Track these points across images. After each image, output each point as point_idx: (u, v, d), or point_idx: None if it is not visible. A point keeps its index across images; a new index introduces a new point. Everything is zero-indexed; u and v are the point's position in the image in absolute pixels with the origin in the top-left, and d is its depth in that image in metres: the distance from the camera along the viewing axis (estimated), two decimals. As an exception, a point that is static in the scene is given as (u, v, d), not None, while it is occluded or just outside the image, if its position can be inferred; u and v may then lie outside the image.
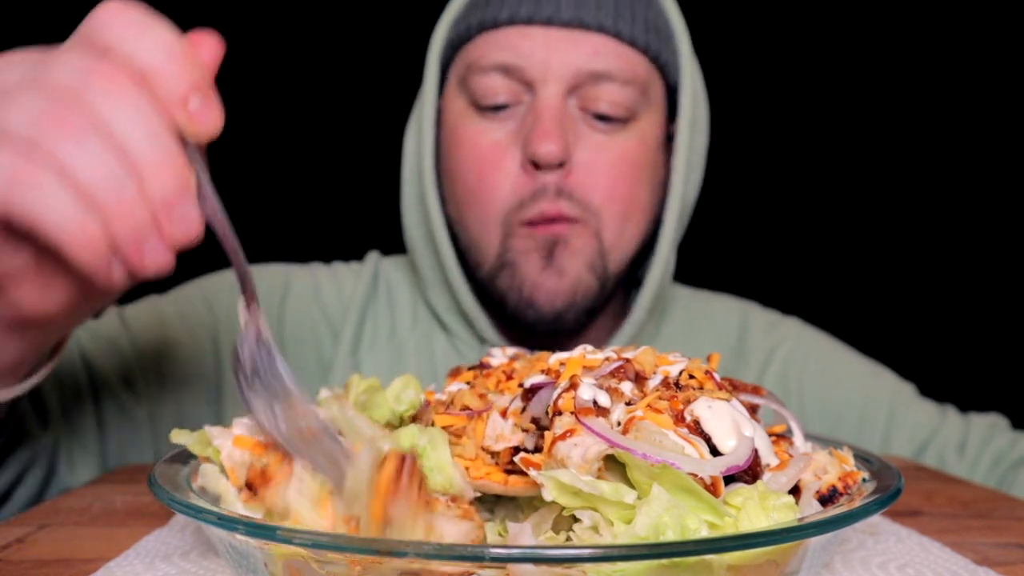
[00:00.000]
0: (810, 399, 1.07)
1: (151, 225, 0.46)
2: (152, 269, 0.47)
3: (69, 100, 0.45)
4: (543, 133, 0.89)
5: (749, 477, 0.42)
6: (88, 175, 0.44)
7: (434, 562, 0.35)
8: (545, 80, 0.91)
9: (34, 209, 0.44)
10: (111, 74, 0.45)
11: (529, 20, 0.92)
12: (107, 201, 0.44)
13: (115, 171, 0.44)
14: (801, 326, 1.14)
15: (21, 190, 0.44)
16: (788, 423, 0.57)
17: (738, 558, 0.36)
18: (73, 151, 0.44)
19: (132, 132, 0.45)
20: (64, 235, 0.45)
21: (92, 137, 0.44)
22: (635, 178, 0.95)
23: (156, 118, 0.46)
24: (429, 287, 1.04)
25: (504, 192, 0.93)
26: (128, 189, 0.45)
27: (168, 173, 0.45)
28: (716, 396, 0.44)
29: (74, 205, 0.44)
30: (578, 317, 0.95)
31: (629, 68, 0.93)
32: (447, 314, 1.05)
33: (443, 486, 0.43)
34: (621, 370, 0.47)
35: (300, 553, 0.38)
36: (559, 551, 0.34)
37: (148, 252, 0.46)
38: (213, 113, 0.48)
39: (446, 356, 1.05)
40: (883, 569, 0.51)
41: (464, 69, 0.97)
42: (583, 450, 0.41)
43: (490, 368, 0.57)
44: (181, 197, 0.46)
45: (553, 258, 0.93)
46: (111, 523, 0.62)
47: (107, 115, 0.45)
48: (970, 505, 0.70)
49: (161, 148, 0.45)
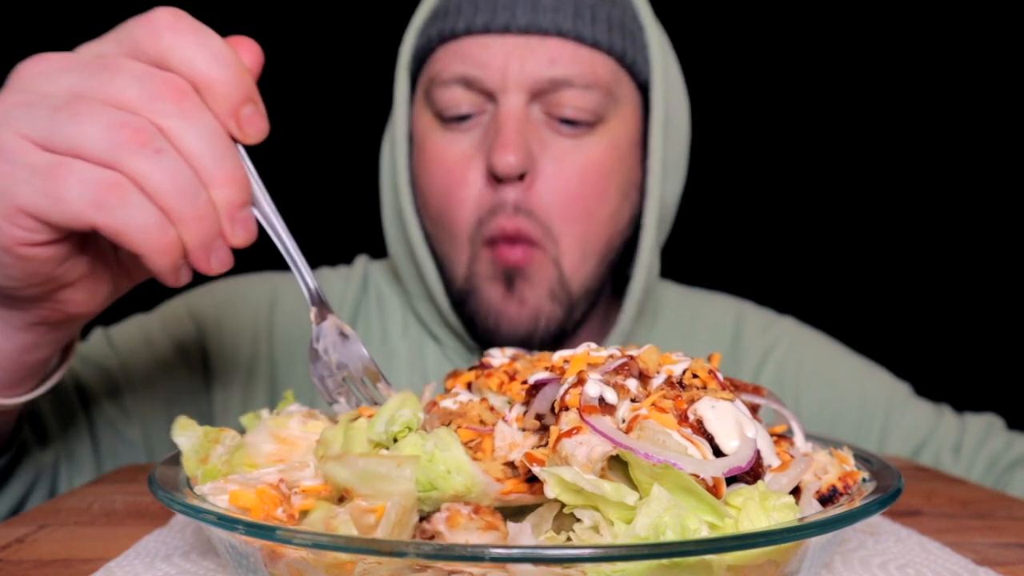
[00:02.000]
0: (806, 400, 1.06)
1: (218, 231, 0.51)
2: (217, 270, 0.52)
3: (139, 115, 0.48)
4: (502, 144, 0.87)
5: (751, 478, 0.42)
6: (166, 188, 0.48)
7: (436, 562, 0.35)
8: (505, 89, 0.89)
9: (121, 223, 0.48)
10: (174, 87, 0.49)
11: (486, 29, 0.91)
12: (183, 211, 0.49)
13: (189, 183, 0.49)
14: (796, 325, 1.14)
15: (106, 205, 0.48)
16: (789, 423, 0.57)
17: (738, 558, 0.36)
18: (150, 167, 0.48)
19: (199, 145, 0.49)
20: (147, 245, 0.49)
21: (165, 151, 0.48)
22: (600, 189, 0.93)
23: (216, 129, 0.50)
24: (415, 299, 1.04)
25: (468, 208, 0.92)
26: (201, 199, 0.49)
27: (232, 183, 0.50)
28: (720, 396, 0.44)
29: (155, 217, 0.49)
30: (543, 342, 0.94)
31: (590, 72, 0.91)
32: (435, 326, 1.04)
33: (465, 486, 0.41)
34: (626, 367, 0.47)
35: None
36: (559, 551, 0.34)
37: (215, 255, 0.51)
38: (263, 120, 0.53)
39: (437, 364, 1.05)
40: (883, 569, 0.51)
41: (428, 82, 0.96)
42: (588, 449, 0.41)
43: (491, 369, 0.57)
44: (243, 203, 0.51)
45: (514, 286, 0.92)
46: (111, 523, 0.62)
47: (175, 130, 0.49)
48: (970, 505, 0.70)
49: (226, 158, 0.50)
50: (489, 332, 0.94)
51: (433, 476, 0.41)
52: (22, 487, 0.78)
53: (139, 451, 0.92)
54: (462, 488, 0.41)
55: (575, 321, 0.97)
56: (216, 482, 0.46)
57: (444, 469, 0.41)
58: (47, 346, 0.61)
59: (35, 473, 0.79)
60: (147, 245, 0.49)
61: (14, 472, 0.77)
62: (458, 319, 0.99)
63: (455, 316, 0.99)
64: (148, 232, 0.48)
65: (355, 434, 0.47)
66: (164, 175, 0.48)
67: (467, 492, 0.41)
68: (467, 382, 0.58)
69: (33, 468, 0.79)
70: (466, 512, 0.40)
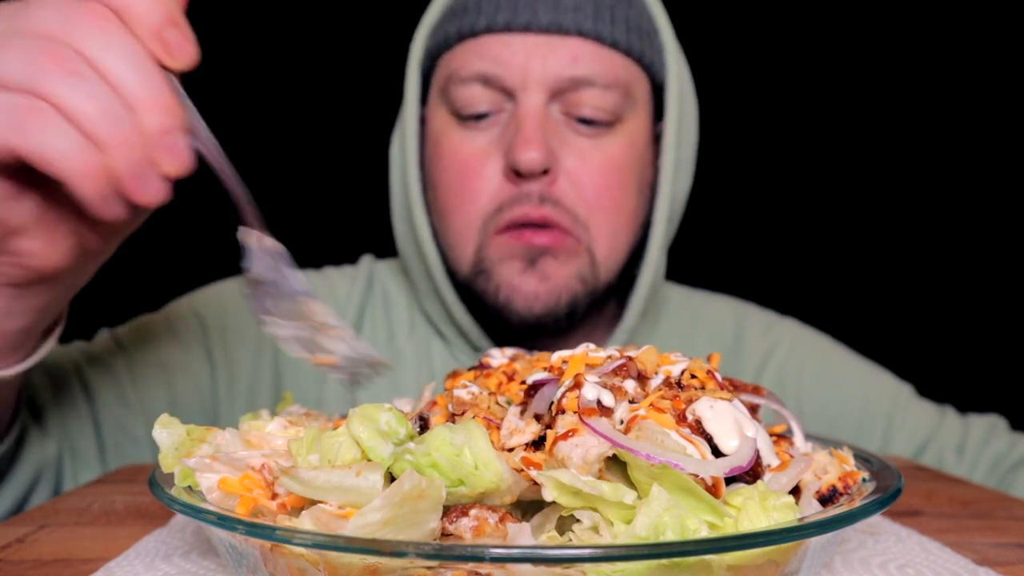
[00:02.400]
0: (808, 401, 1.06)
1: (147, 157, 0.49)
2: (150, 199, 0.50)
3: (59, 42, 0.47)
4: (525, 141, 0.88)
5: (750, 477, 0.42)
6: (86, 111, 0.47)
7: (436, 562, 0.35)
8: (525, 88, 0.90)
9: (39, 145, 0.47)
10: (93, 13, 0.48)
11: (507, 27, 0.91)
12: (106, 134, 0.47)
13: (111, 106, 0.47)
14: (798, 327, 1.14)
15: (25, 129, 0.47)
16: (788, 423, 0.57)
17: (738, 558, 0.36)
18: (70, 90, 0.47)
19: (122, 68, 0.48)
20: (68, 169, 0.47)
21: (86, 75, 0.47)
22: (623, 183, 0.94)
23: (140, 52, 0.49)
24: (423, 297, 1.04)
25: (484, 198, 0.92)
26: (124, 122, 0.48)
27: (160, 106, 0.48)
28: (718, 396, 0.44)
29: (76, 140, 0.47)
30: (559, 320, 0.94)
31: (610, 71, 0.91)
32: (442, 324, 1.04)
33: (494, 483, 0.40)
34: (624, 368, 0.47)
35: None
36: (559, 551, 0.34)
37: (145, 183, 0.49)
38: (189, 44, 0.50)
39: (444, 363, 1.05)
40: (883, 569, 0.51)
41: (444, 79, 0.95)
42: (584, 451, 0.41)
43: (490, 369, 0.57)
44: (173, 129, 0.49)
45: (536, 264, 0.91)
46: (111, 523, 0.62)
47: (97, 53, 0.47)
48: (970, 505, 0.70)
49: (151, 82, 0.48)
50: (499, 310, 0.93)
51: (463, 472, 0.40)
52: (24, 482, 0.78)
53: (145, 448, 0.92)
54: (491, 484, 0.40)
55: (590, 305, 0.96)
56: (202, 459, 0.46)
57: (472, 464, 0.40)
58: (22, 313, 0.59)
59: (37, 468, 0.79)
60: (68, 169, 0.47)
61: (14, 465, 0.77)
62: (465, 310, 0.99)
63: (462, 308, 0.99)
64: (68, 156, 0.47)
65: (332, 442, 0.44)
66: (84, 98, 0.47)
67: (496, 488, 0.40)
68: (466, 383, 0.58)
69: (35, 463, 0.79)
70: (493, 522, 0.39)
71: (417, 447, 0.40)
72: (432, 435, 0.41)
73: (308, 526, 0.39)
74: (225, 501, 0.44)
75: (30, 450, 0.78)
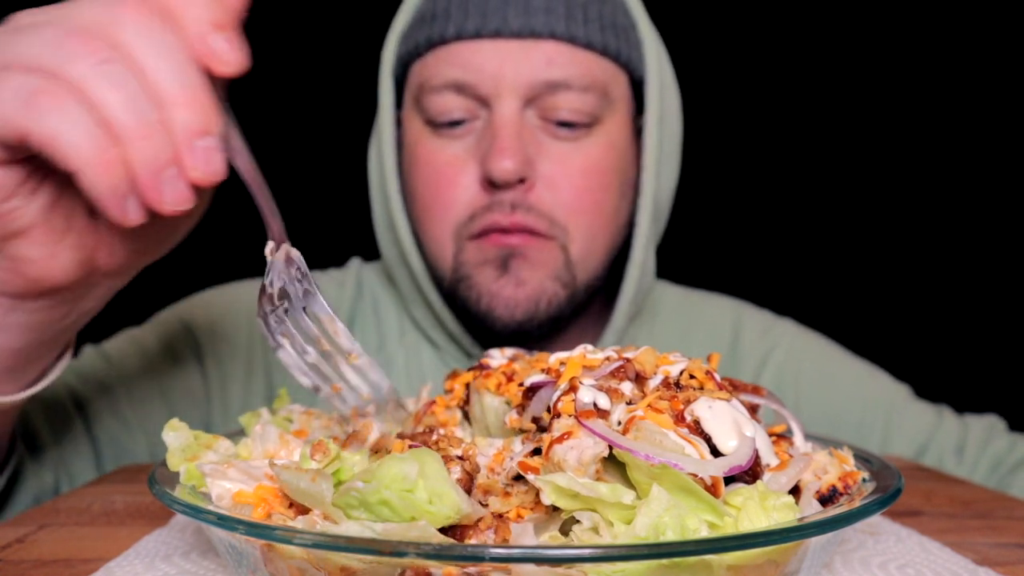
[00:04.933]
0: (806, 403, 1.06)
1: (171, 157, 0.44)
2: (170, 204, 0.45)
3: (93, 31, 0.44)
4: (500, 151, 0.86)
5: (749, 477, 0.42)
6: (108, 98, 0.43)
7: (437, 563, 0.35)
8: (499, 94, 0.88)
9: (50, 128, 0.43)
10: (137, 9, 0.44)
11: (477, 34, 0.89)
12: (127, 127, 0.43)
13: (137, 97, 0.43)
14: (796, 328, 1.13)
15: (38, 111, 0.43)
16: (788, 423, 0.57)
17: (738, 558, 0.36)
18: (94, 75, 0.43)
19: (156, 61, 0.44)
20: (80, 158, 0.43)
21: (114, 62, 0.43)
22: (603, 185, 0.92)
23: (181, 51, 0.44)
24: (410, 303, 1.03)
25: (459, 207, 0.91)
26: (149, 115, 0.43)
27: (192, 106, 0.44)
28: (716, 396, 0.44)
29: (93, 128, 0.43)
30: (542, 325, 0.93)
31: (587, 73, 0.90)
32: (432, 330, 1.03)
33: (450, 518, 0.38)
34: (621, 370, 0.47)
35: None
36: (559, 551, 0.34)
37: (167, 185, 0.44)
38: (237, 52, 0.46)
39: (434, 368, 1.04)
40: (883, 569, 0.51)
41: (417, 88, 0.94)
42: (579, 452, 0.41)
43: (489, 369, 0.57)
44: (205, 132, 0.45)
45: (509, 268, 0.90)
46: (111, 523, 0.62)
47: (131, 43, 0.43)
48: (970, 505, 0.70)
49: (185, 80, 0.44)
50: (482, 318, 0.92)
51: (416, 510, 0.37)
52: (22, 509, 0.76)
53: (144, 460, 0.92)
54: (448, 520, 0.38)
55: (573, 308, 0.95)
56: (217, 465, 0.46)
57: (427, 499, 0.37)
58: (17, 330, 0.55)
59: (36, 494, 0.78)
60: (80, 158, 0.43)
61: (12, 498, 0.75)
62: (453, 317, 0.98)
63: (449, 314, 0.98)
64: (82, 144, 0.43)
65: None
66: (108, 84, 0.43)
67: (455, 519, 0.38)
68: (465, 383, 0.58)
69: (32, 491, 0.77)
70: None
71: (365, 485, 0.37)
72: (382, 469, 0.37)
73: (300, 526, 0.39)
74: (237, 509, 0.44)
75: (27, 483, 0.77)
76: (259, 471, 0.45)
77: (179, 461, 0.48)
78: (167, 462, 0.49)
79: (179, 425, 0.50)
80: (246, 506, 0.43)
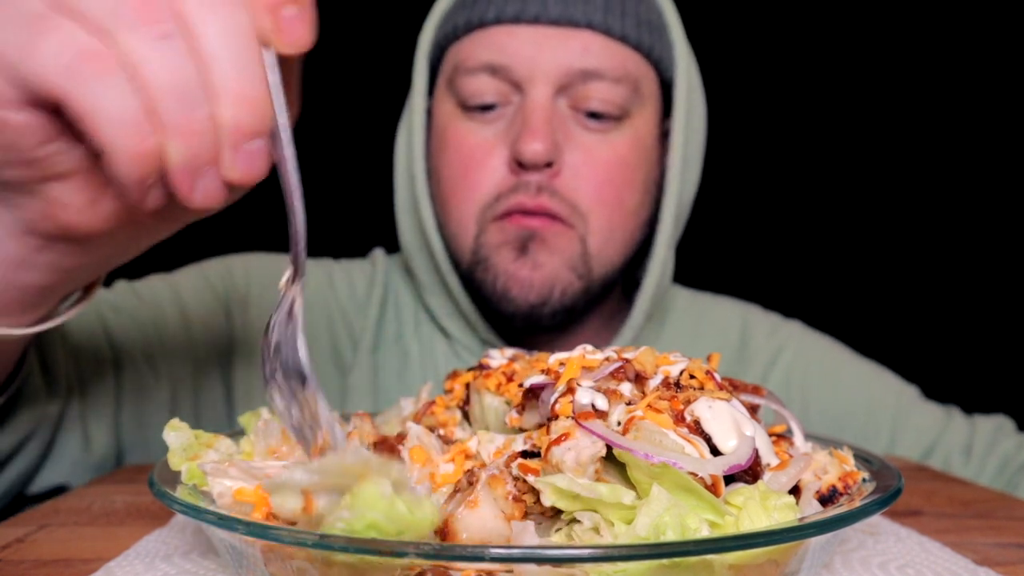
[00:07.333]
0: (814, 404, 1.06)
1: (214, 157, 0.41)
2: (200, 203, 0.42)
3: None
4: (530, 133, 0.87)
5: (750, 477, 0.42)
6: (160, 81, 0.39)
7: (437, 563, 0.35)
8: (533, 80, 0.89)
9: (91, 103, 0.39)
10: None
11: (516, 19, 0.91)
12: (174, 119, 0.39)
13: (191, 85, 0.40)
14: (803, 330, 1.14)
15: (83, 76, 0.39)
16: (788, 423, 0.57)
17: (739, 558, 0.36)
18: (150, 49, 0.39)
19: (218, 45, 0.39)
20: (114, 140, 0.39)
21: (174, 38, 0.39)
22: (627, 180, 0.93)
23: (248, 30, 0.40)
24: (427, 292, 1.03)
25: (485, 188, 0.92)
26: (200, 111, 0.40)
27: (247, 100, 0.40)
28: (716, 396, 0.44)
29: (137, 112, 0.39)
30: (556, 314, 0.93)
31: (620, 65, 0.91)
32: (447, 319, 1.03)
33: (431, 522, 0.36)
34: (621, 371, 0.47)
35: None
36: (559, 551, 0.34)
37: (201, 183, 0.41)
38: (306, 27, 0.42)
39: (447, 361, 1.04)
40: (883, 569, 0.51)
41: (451, 70, 0.95)
42: (576, 453, 0.41)
43: (489, 370, 0.57)
44: (255, 134, 0.41)
45: (527, 250, 0.91)
46: (111, 523, 0.61)
47: (193, 14, 0.39)
48: (970, 505, 0.70)
49: (246, 69, 0.40)
50: (498, 300, 0.93)
51: (402, 524, 0.36)
52: (16, 435, 0.72)
53: (164, 411, 0.88)
54: (431, 525, 0.37)
55: (588, 301, 0.96)
56: (218, 464, 0.45)
57: (407, 511, 0.36)
58: (42, 269, 0.51)
59: (34, 423, 0.74)
60: (114, 140, 0.39)
61: (9, 419, 0.71)
62: (469, 301, 0.99)
63: (466, 299, 0.99)
64: (121, 128, 0.39)
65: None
66: (162, 64, 0.39)
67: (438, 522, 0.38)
68: (465, 383, 0.58)
69: (33, 418, 0.73)
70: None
71: (350, 513, 0.36)
72: (361, 495, 0.36)
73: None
74: (238, 507, 0.44)
75: (31, 406, 0.73)
76: (260, 470, 0.45)
77: (180, 460, 0.48)
78: (168, 461, 0.49)
79: (180, 425, 0.50)
80: (247, 505, 0.43)
